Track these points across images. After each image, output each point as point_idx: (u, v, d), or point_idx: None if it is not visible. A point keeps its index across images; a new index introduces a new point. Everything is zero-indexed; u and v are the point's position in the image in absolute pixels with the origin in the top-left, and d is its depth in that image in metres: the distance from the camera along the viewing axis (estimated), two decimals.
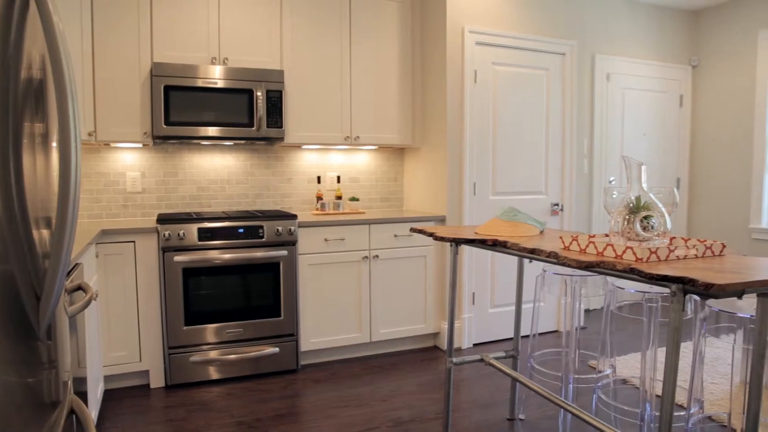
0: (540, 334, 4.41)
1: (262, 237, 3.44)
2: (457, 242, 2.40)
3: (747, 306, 2.33)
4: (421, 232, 2.64)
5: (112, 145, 3.65)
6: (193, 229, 3.29)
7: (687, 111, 5.43)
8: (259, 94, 3.58)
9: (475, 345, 4.12)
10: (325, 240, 3.65)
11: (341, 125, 3.97)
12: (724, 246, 1.88)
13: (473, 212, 4.06)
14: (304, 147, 4.15)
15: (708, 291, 1.40)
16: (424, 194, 4.24)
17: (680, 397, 3.11)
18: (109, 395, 3.22)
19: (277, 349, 3.50)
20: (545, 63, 4.28)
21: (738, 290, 1.47)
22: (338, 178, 4.31)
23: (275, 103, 3.64)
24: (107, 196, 3.73)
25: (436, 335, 4.09)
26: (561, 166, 4.40)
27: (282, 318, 3.51)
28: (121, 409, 3.03)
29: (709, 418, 2.92)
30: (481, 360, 2.84)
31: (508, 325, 4.26)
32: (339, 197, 4.20)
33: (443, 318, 4.01)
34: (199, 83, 3.45)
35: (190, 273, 3.30)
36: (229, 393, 3.25)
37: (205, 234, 3.32)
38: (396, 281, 3.88)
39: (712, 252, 1.86)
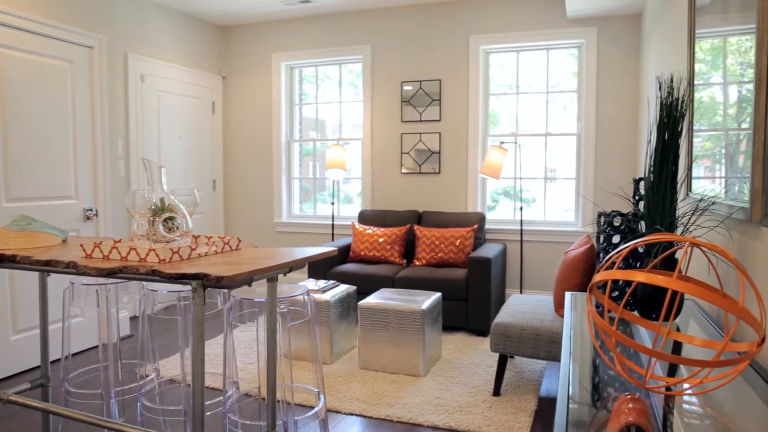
0: (80, 352, 4.03)
1: None
2: None
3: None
4: None
5: None
6: None
7: (219, 117, 5.87)
8: None
9: None
10: None
11: None
12: (240, 240, 2.09)
13: None
14: None
15: (219, 283, 1.52)
16: None
17: (221, 384, 3.33)
18: None
19: None
20: (69, 54, 3.90)
21: (246, 279, 1.65)
22: None
23: None
24: None
25: None
26: (93, 168, 4.10)
27: None
28: None
29: (246, 394, 3.25)
30: None
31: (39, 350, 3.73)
32: None
33: None
34: None
35: None
36: None
37: None
38: None
39: (230, 247, 2.05)
